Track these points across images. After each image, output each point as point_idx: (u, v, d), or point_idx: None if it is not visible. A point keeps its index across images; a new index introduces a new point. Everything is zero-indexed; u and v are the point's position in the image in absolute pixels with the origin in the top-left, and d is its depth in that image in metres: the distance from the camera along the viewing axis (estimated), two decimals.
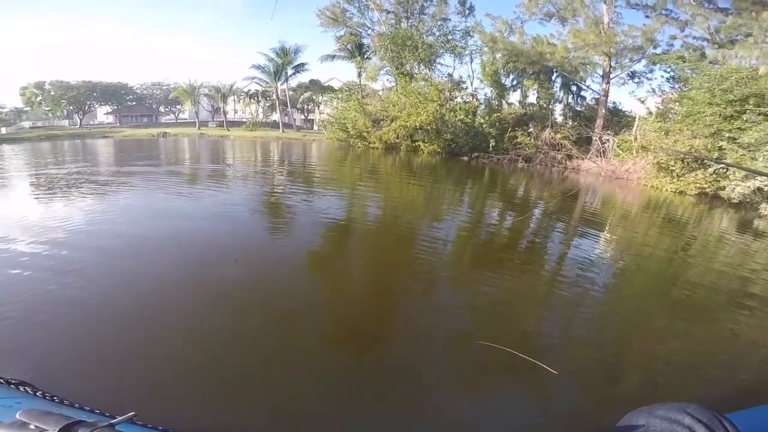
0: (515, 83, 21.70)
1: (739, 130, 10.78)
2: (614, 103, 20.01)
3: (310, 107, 47.75)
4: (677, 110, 13.96)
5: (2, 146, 22.61)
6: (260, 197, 8.19)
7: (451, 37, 22.97)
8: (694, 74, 13.83)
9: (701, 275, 5.02)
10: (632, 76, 18.73)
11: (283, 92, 41.24)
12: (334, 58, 31.27)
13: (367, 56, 28.23)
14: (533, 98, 21.61)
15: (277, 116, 42.93)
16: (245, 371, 2.48)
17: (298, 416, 2.16)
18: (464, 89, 22.60)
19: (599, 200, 11.10)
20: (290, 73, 38.14)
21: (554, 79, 20.47)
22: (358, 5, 25.75)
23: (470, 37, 22.61)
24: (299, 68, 37.89)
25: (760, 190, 9.79)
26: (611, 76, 18.11)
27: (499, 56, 20.31)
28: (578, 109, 21.00)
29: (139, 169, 11.90)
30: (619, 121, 18.68)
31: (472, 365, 2.65)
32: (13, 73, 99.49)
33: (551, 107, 20.95)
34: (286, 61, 36.30)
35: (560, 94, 20.99)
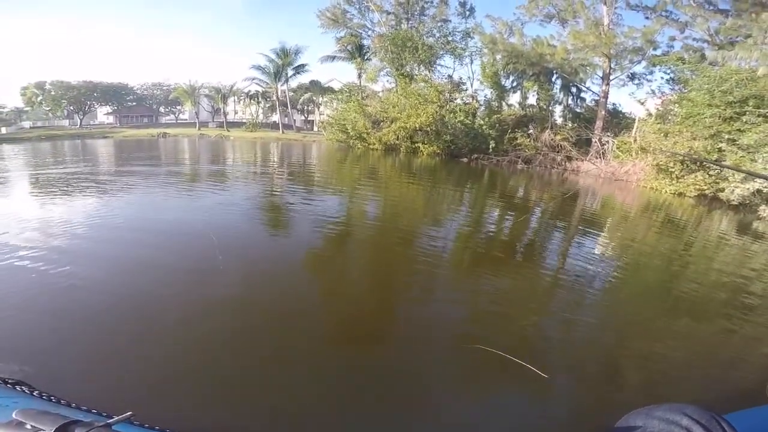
0: (515, 85, 21.73)
1: (738, 131, 10.78)
2: (614, 104, 20.06)
3: (310, 108, 47.80)
4: (677, 112, 13.95)
5: (2, 146, 22.60)
6: (260, 198, 8.19)
7: (451, 38, 23.00)
8: (693, 76, 13.82)
9: (700, 277, 5.02)
10: (632, 77, 18.77)
11: (283, 93, 41.29)
12: (334, 59, 31.35)
13: (367, 57, 28.26)
14: (533, 100, 21.64)
15: (277, 117, 42.97)
16: (245, 371, 2.47)
17: (297, 416, 2.15)
18: (464, 90, 22.65)
19: (599, 202, 11.10)
20: (290, 74, 38.20)
21: (554, 80, 20.50)
22: (358, 6, 25.84)
23: (470, 38, 22.67)
24: (299, 69, 37.95)
25: (759, 192, 9.78)
26: (611, 77, 18.14)
27: (499, 58, 20.35)
28: (578, 110, 21.01)
29: (139, 169, 11.91)
30: (618, 122, 18.69)
31: (470, 367, 2.63)
32: (13, 73, 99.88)
33: (551, 109, 20.96)
34: (286, 62, 36.36)
35: (560, 95, 21.01)
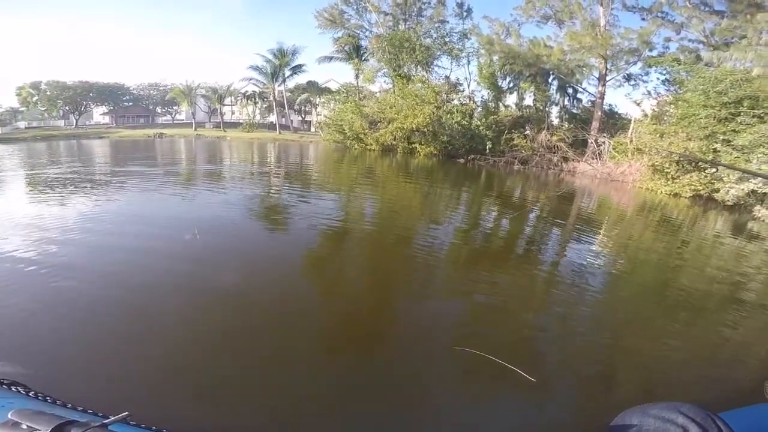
0: (512, 85, 21.73)
1: (733, 132, 10.82)
2: (610, 105, 20.08)
3: (307, 109, 47.78)
4: (672, 112, 14.01)
5: None
6: (257, 198, 8.14)
7: (448, 39, 23.02)
8: (689, 77, 13.86)
9: (697, 277, 5.01)
10: (628, 78, 18.81)
11: (280, 93, 41.26)
12: (331, 59, 31.32)
13: (364, 58, 28.26)
14: (530, 100, 21.66)
15: (274, 118, 42.91)
16: (243, 371, 2.45)
17: (294, 416, 2.13)
18: (461, 91, 22.63)
19: (595, 202, 11.11)
20: (287, 74, 38.19)
21: (551, 81, 20.51)
22: (356, 7, 25.80)
23: (467, 39, 22.70)
24: (297, 69, 37.95)
25: (754, 192, 9.82)
26: (607, 78, 18.17)
27: (495, 58, 20.36)
28: (574, 111, 21.04)
29: (135, 169, 11.85)
30: (614, 123, 18.72)
31: (465, 368, 2.60)
32: (9, 72, 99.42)
33: (547, 109, 20.98)
34: (283, 62, 36.35)
35: (556, 96, 21.02)
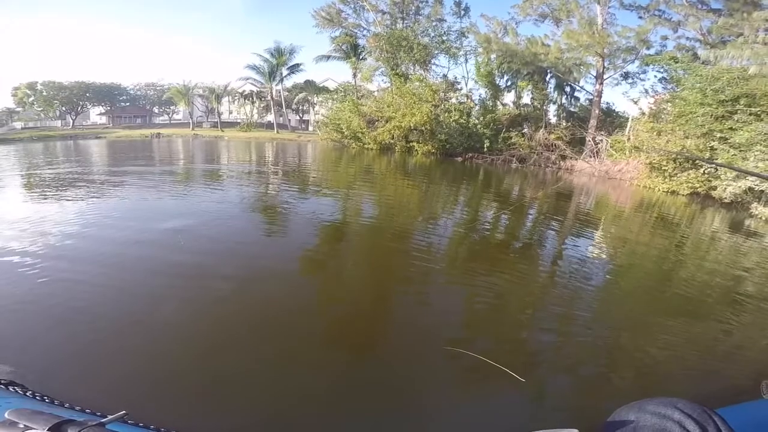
0: (509, 84, 21.78)
1: (730, 130, 10.85)
2: (607, 103, 20.13)
3: (305, 108, 47.76)
4: (669, 110, 14.05)
5: None
6: (255, 198, 8.13)
7: (446, 38, 23.03)
8: (686, 75, 13.90)
9: (694, 274, 5.02)
10: (625, 76, 18.88)
11: (277, 93, 41.21)
12: (329, 58, 31.27)
13: (362, 57, 28.22)
14: (527, 99, 21.72)
15: (271, 117, 42.85)
16: (239, 371, 2.44)
17: (290, 416, 2.12)
18: (459, 90, 22.68)
19: (593, 200, 11.13)
20: (285, 73, 38.16)
21: (548, 79, 20.55)
22: (353, 6, 25.74)
23: (465, 38, 22.75)
24: (294, 69, 37.94)
25: (751, 189, 9.85)
26: (605, 76, 18.21)
27: (493, 57, 20.39)
28: (572, 109, 21.09)
29: (132, 169, 11.81)
30: (612, 121, 18.79)
31: (460, 368, 2.59)
32: (5, 73, 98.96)
33: (545, 108, 21.02)
34: (281, 61, 36.31)
35: (554, 94, 21.06)
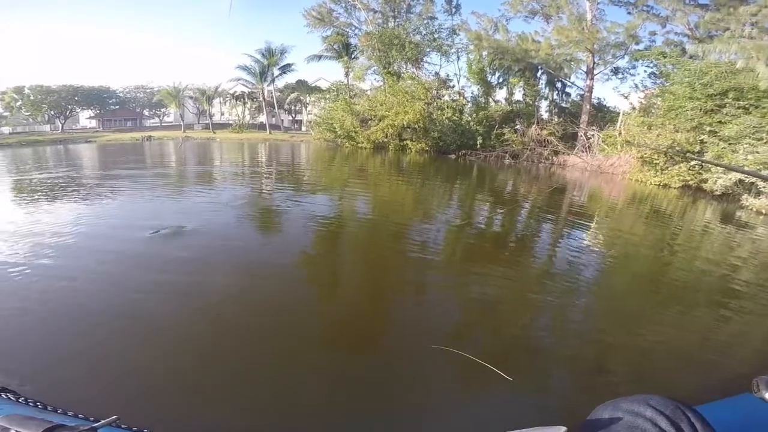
0: (501, 81, 21.84)
1: (719, 123, 11.00)
2: (598, 98, 20.30)
3: (297, 108, 47.55)
4: (659, 105, 14.19)
5: None
6: (249, 199, 8.09)
7: (437, 35, 23.04)
8: (675, 69, 14.05)
9: (687, 266, 5.08)
10: (615, 72, 19.04)
11: (269, 93, 40.98)
12: (320, 58, 31.15)
13: (354, 56, 28.17)
14: (519, 95, 21.81)
15: (264, 118, 42.60)
16: (233, 375, 2.42)
17: (284, 419, 2.11)
18: (451, 87, 22.70)
19: (586, 194, 11.21)
20: (276, 74, 37.93)
21: (539, 76, 20.65)
22: (344, 5, 25.63)
23: (456, 35, 22.75)
24: (286, 69, 37.71)
25: (741, 182, 9.99)
26: (595, 72, 18.34)
27: (485, 54, 20.44)
28: (563, 105, 21.22)
29: (125, 173, 11.69)
30: (603, 116, 18.93)
31: (452, 367, 2.57)
32: None
33: (537, 104, 21.12)
34: (272, 62, 36.10)
35: (545, 90, 21.17)
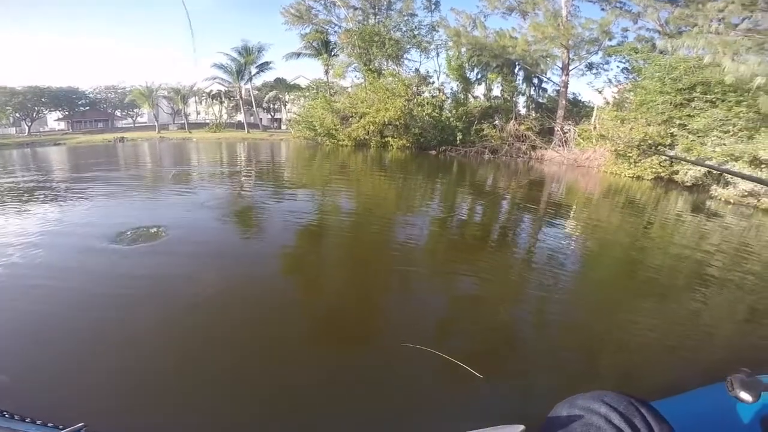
0: (480, 77, 22.06)
1: (688, 117, 11.37)
2: (574, 94, 20.72)
3: (276, 106, 46.88)
4: (632, 99, 14.58)
5: None
6: (228, 199, 7.90)
7: (417, 32, 23.12)
8: (646, 65, 14.47)
9: (662, 256, 5.19)
10: (590, 67, 19.49)
11: (247, 92, 40.29)
12: (299, 56, 30.78)
13: (334, 53, 27.93)
14: (497, 91, 22.08)
15: (241, 116, 41.88)
16: (208, 381, 2.34)
17: (256, 420, 2.06)
18: (431, 84, 22.79)
19: (563, 188, 11.42)
20: (254, 72, 37.31)
21: (517, 72, 20.93)
22: (324, 2, 25.36)
23: (436, 32, 22.89)
24: (263, 67, 37.15)
25: (710, 173, 10.35)
26: (570, 68, 18.72)
27: (463, 50, 20.63)
28: (540, 101, 21.58)
29: (96, 175, 11.27)
30: (579, 111, 19.37)
31: (424, 365, 2.52)
32: None
33: (515, 100, 21.43)
34: (249, 60, 35.47)
35: (523, 86, 21.46)
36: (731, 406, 1.14)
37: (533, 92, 21.72)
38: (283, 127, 43.49)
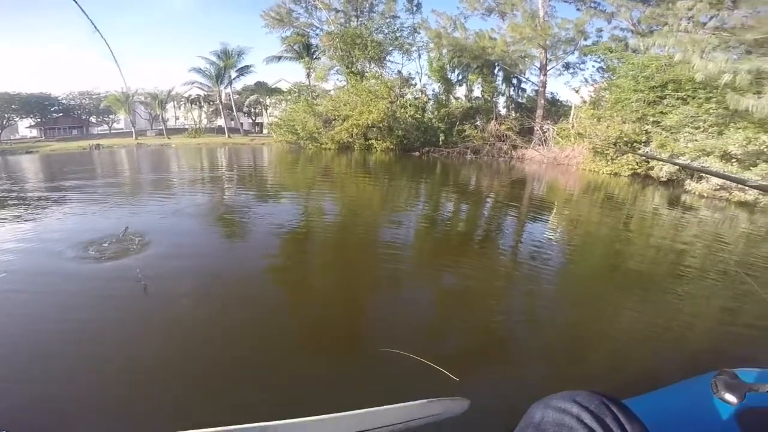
0: (461, 78, 22.31)
1: (661, 114, 11.71)
2: (552, 93, 21.17)
3: (257, 110, 46.39)
4: (607, 98, 14.95)
5: None
6: (209, 207, 7.71)
7: (399, 34, 23.23)
8: (620, 63, 14.87)
9: (642, 251, 5.28)
10: (567, 67, 19.96)
11: (227, 96, 39.77)
12: (280, 59, 30.61)
13: (315, 56, 27.82)
14: (478, 92, 22.36)
15: (222, 121, 41.28)
16: (178, 388, 2.25)
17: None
18: (413, 85, 22.93)
19: (544, 186, 11.61)
20: (234, 76, 36.88)
21: (496, 72, 21.25)
22: (305, 5, 25.19)
23: (417, 33, 23.05)
24: (243, 71, 36.76)
25: (684, 169, 10.68)
26: (548, 68, 19.12)
27: (444, 52, 20.85)
28: (520, 101, 21.95)
29: (71, 184, 10.87)
30: (557, 110, 19.78)
31: (401, 369, 2.46)
32: None
33: (495, 100, 21.76)
34: (228, 63, 35.03)
35: (503, 87, 21.82)
36: (706, 401, 1.15)
37: (513, 92, 22.11)
38: (264, 131, 43.02)
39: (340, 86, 24.49)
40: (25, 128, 48.89)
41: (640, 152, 11.66)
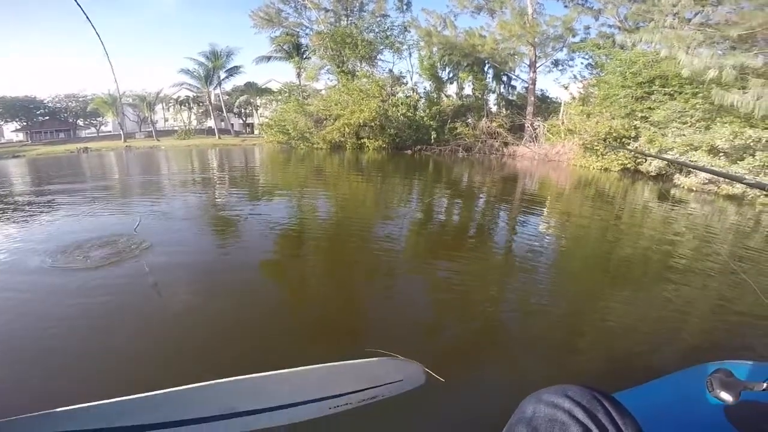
0: (451, 76, 22.39)
1: (649, 109, 11.86)
2: (542, 90, 21.32)
3: (248, 111, 46.05)
4: (596, 94, 15.09)
5: None
6: (202, 209, 7.64)
7: (389, 33, 23.20)
8: (608, 60, 15.02)
9: (632, 245, 5.33)
10: (556, 64, 20.10)
11: (216, 97, 39.43)
12: (270, 59, 30.41)
13: (306, 56, 27.67)
14: (469, 90, 22.43)
15: (212, 122, 40.92)
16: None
17: None
18: (405, 84, 22.93)
19: (535, 182, 11.68)
20: (223, 76, 36.60)
21: (487, 70, 21.33)
22: (294, 5, 25.06)
23: (408, 32, 23.05)
24: (233, 71, 36.51)
25: (672, 163, 10.82)
26: (537, 65, 19.22)
27: (435, 50, 20.89)
28: (510, 98, 22.05)
29: (60, 188, 10.70)
30: (547, 107, 19.92)
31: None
32: None
33: (486, 97, 21.84)
34: (217, 64, 34.76)
35: (493, 84, 21.90)
36: (701, 397, 1.15)
37: (503, 90, 22.20)
38: (255, 131, 42.73)
39: (331, 86, 24.41)
40: (10, 132, 47.99)
41: (629, 148, 11.79)
